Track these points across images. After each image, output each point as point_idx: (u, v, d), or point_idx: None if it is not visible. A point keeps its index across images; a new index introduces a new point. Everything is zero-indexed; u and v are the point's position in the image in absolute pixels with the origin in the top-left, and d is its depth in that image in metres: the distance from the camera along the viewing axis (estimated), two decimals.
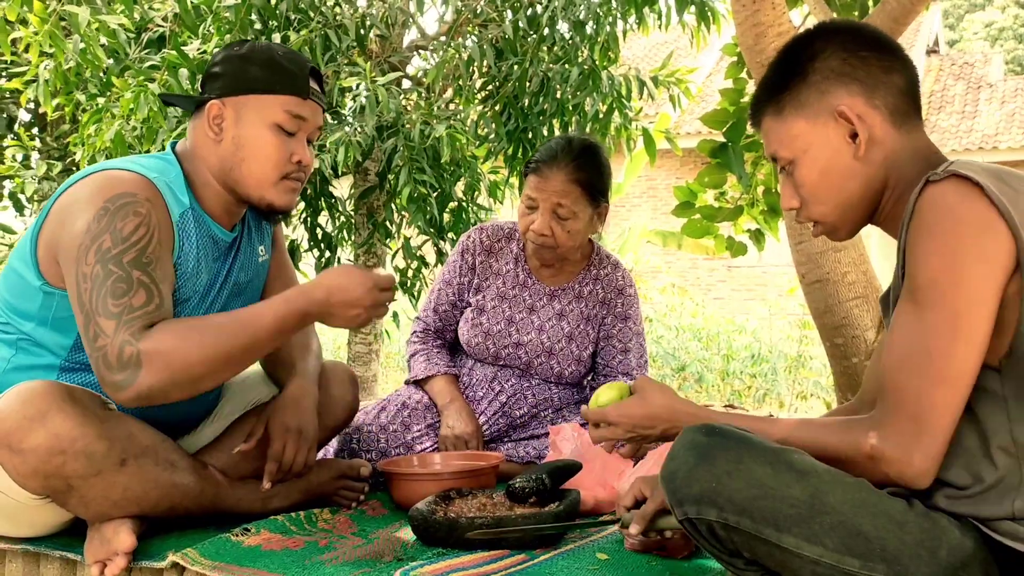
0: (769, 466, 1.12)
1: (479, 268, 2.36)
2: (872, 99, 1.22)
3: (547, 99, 4.16)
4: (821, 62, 1.24)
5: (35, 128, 6.50)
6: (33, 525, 1.64)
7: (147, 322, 1.50)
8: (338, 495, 1.90)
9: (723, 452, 1.13)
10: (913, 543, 1.09)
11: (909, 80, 1.25)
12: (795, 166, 1.28)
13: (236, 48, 1.75)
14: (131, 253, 1.53)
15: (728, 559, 1.17)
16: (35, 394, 1.49)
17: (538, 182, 2.18)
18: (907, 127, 1.24)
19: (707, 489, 1.11)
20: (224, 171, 1.72)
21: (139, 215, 1.56)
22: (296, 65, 1.73)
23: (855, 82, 1.23)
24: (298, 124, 1.72)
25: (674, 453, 1.17)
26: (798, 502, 1.10)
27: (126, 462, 1.54)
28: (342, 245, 4.66)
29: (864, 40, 1.25)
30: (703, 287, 13.73)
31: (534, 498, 1.71)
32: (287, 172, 1.73)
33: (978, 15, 29.36)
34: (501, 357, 2.32)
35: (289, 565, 1.50)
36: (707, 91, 12.06)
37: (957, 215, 1.08)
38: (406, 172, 3.74)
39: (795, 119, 1.26)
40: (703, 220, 4.11)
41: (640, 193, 14.19)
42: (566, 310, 2.34)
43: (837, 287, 2.93)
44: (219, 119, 1.71)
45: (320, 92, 1.78)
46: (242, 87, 1.70)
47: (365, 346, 4.93)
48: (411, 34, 4.86)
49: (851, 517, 1.09)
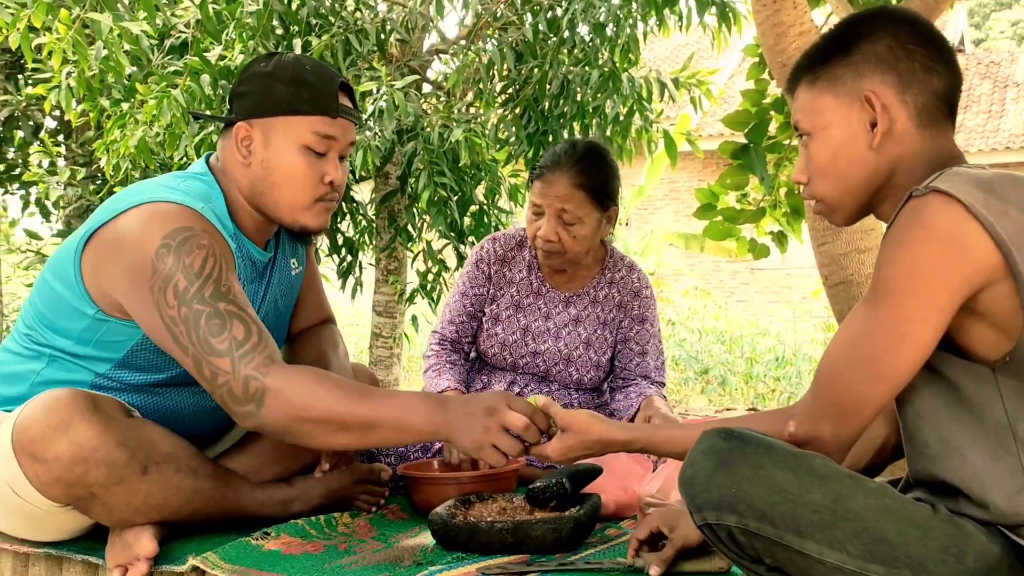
0: (790, 471, 1.10)
1: (494, 278, 2.35)
2: (904, 93, 1.22)
3: (567, 102, 4.15)
4: (868, 43, 1.23)
5: (60, 135, 6.58)
6: (55, 530, 1.65)
7: (265, 355, 1.49)
8: (358, 499, 1.89)
9: (743, 457, 1.12)
10: (938, 549, 1.07)
11: (949, 85, 1.23)
12: (811, 139, 1.28)
13: (263, 64, 1.70)
14: (209, 287, 1.51)
15: (749, 565, 1.16)
16: (59, 403, 1.49)
17: (542, 188, 2.16)
18: (932, 131, 1.23)
19: (727, 494, 1.10)
20: (255, 194, 1.69)
21: (203, 247, 1.54)
22: (324, 81, 1.68)
23: (892, 72, 1.22)
24: (328, 144, 1.68)
25: (692, 459, 1.16)
26: (820, 507, 1.08)
27: (148, 469, 1.55)
28: (363, 250, 4.67)
29: (917, 34, 1.24)
30: (726, 289, 13.65)
31: (554, 502, 1.70)
32: (320, 194, 1.69)
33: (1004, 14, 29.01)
34: (519, 366, 2.31)
35: (309, 569, 1.50)
36: (729, 93, 12.00)
37: (928, 227, 1.10)
38: (426, 176, 3.75)
39: (825, 93, 1.26)
40: (725, 222, 4.07)
41: (662, 196, 14.15)
42: (582, 316, 2.32)
43: (861, 289, 2.90)
44: (247, 141, 1.68)
45: (352, 108, 1.73)
46: (269, 109, 1.66)
47: (387, 350, 4.94)
48: (431, 38, 4.87)
49: (874, 523, 1.07)
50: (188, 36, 4.01)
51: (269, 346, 1.52)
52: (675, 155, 4.35)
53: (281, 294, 1.85)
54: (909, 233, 1.12)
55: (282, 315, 1.87)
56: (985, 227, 1.07)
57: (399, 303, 4.83)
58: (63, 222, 6.41)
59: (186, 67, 3.65)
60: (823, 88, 1.26)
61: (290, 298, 1.89)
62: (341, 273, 4.59)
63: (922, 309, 1.11)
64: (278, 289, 1.83)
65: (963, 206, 1.08)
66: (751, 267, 13.80)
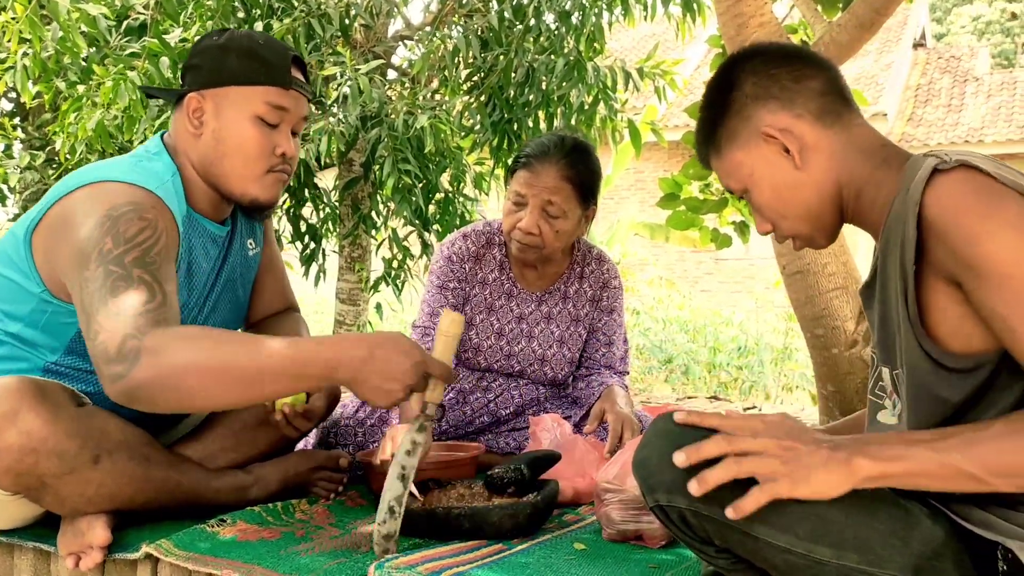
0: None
1: (467, 276, 2.29)
2: (792, 109, 1.24)
3: (532, 90, 4.15)
4: (738, 91, 1.28)
5: (16, 118, 6.44)
6: (6, 519, 1.62)
7: (153, 319, 1.40)
8: (316, 486, 1.89)
9: (695, 441, 1.12)
10: (885, 531, 1.08)
11: (827, 80, 1.26)
12: (750, 194, 1.30)
13: (215, 38, 1.70)
14: (134, 253, 1.47)
15: (699, 546, 1.17)
16: (5, 392, 1.47)
17: (528, 178, 2.10)
18: (840, 124, 1.25)
19: (678, 477, 1.10)
20: (206, 166, 1.68)
21: (144, 220, 1.52)
22: (276, 54, 1.69)
23: (772, 99, 1.25)
24: (280, 115, 1.68)
25: (646, 440, 1.17)
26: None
27: (99, 459, 1.53)
28: (327, 237, 4.64)
29: (771, 58, 1.28)
30: (690, 279, 13.76)
31: (513, 488, 1.70)
32: (271, 165, 1.69)
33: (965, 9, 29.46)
34: (493, 368, 2.30)
35: (264, 556, 1.49)
36: (694, 83, 12.06)
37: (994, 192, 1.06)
38: (390, 163, 3.72)
39: (732, 151, 1.29)
40: (688, 212, 4.10)
41: (628, 186, 14.20)
42: (553, 313, 2.31)
43: (817, 278, 2.94)
44: (199, 112, 1.67)
45: (304, 81, 1.73)
46: (221, 79, 1.66)
47: None
48: (396, 24, 4.83)
49: (822, 506, 1.08)
50: (147, 17, 3.94)
51: (166, 314, 1.43)
52: (639, 145, 4.37)
53: (239, 274, 1.83)
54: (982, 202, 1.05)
55: (238, 295, 1.85)
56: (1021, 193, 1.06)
57: (364, 291, 4.81)
58: (20, 207, 6.28)
59: (144, 49, 3.59)
60: (728, 148, 1.30)
61: (247, 278, 1.88)
62: (304, 260, 4.55)
63: None
64: (235, 267, 1.81)
65: (993, 178, 1.07)
66: (715, 257, 13.92)
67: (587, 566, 1.45)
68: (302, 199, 4.44)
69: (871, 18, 2.72)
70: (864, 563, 1.08)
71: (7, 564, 1.67)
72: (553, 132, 2.32)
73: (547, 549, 1.54)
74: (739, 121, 1.27)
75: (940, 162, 1.10)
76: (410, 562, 1.43)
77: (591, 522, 1.74)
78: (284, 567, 1.44)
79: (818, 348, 3.00)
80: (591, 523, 1.73)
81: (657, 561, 1.49)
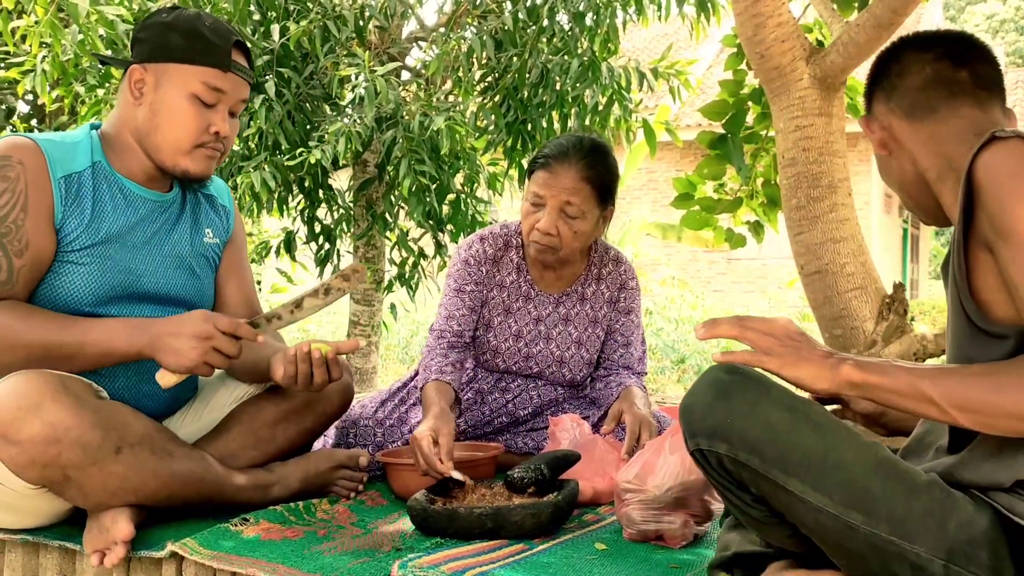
0: (787, 411, 1.14)
1: (485, 279, 2.28)
2: (888, 103, 1.32)
3: (547, 91, 4.15)
4: (916, 75, 1.32)
5: (33, 119, 6.49)
6: (32, 515, 1.64)
7: None
8: (336, 485, 1.90)
9: (742, 392, 1.15)
10: (921, 511, 1.10)
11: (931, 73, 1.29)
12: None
13: (164, 15, 1.77)
14: None
15: (736, 491, 1.20)
16: (29, 385, 1.49)
17: (547, 178, 2.09)
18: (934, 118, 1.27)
19: (721, 424, 1.14)
20: (141, 135, 1.75)
21: (7, 180, 1.62)
22: (219, 37, 1.74)
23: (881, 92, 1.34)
24: (217, 96, 1.74)
25: (694, 388, 1.20)
26: (810, 452, 1.12)
27: (121, 451, 1.55)
28: (341, 237, 4.65)
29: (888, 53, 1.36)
30: (703, 280, 13.73)
31: (533, 488, 1.71)
32: (202, 141, 1.75)
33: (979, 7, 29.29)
34: (511, 370, 2.31)
35: (288, 555, 1.50)
36: (707, 83, 12.04)
37: None
38: (406, 164, 3.73)
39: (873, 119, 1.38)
40: (702, 212, 4.10)
41: (640, 186, 14.18)
42: (571, 315, 2.30)
43: (836, 278, 2.93)
44: (140, 84, 1.74)
45: (246, 66, 1.79)
46: (163, 55, 1.73)
47: (364, 338, 4.93)
48: (410, 25, 4.85)
49: (861, 476, 1.10)
50: None
51: (6, 292, 1.60)
52: (654, 144, 4.36)
53: (189, 252, 1.85)
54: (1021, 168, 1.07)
55: (197, 276, 1.87)
56: None
57: (377, 291, 4.82)
58: None
59: None
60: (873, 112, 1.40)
61: (202, 263, 1.89)
62: (319, 261, 4.57)
63: None
64: (182, 243, 1.84)
65: None
66: (728, 257, 13.88)
67: (609, 566, 1.46)
68: (317, 200, 4.46)
69: (889, 17, 2.71)
70: (895, 535, 1.09)
71: (32, 563, 1.69)
72: (571, 133, 2.31)
73: (569, 549, 1.55)
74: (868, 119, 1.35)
75: (1000, 130, 1.12)
76: (433, 561, 1.43)
77: (611, 522, 1.74)
78: (308, 566, 1.45)
79: (836, 348, 2.99)
80: (611, 523, 1.74)
81: (678, 561, 1.49)
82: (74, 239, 1.68)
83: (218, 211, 1.95)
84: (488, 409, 2.27)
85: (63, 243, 1.67)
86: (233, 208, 2.00)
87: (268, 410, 1.85)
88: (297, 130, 3.95)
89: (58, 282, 1.68)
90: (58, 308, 1.67)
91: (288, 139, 3.87)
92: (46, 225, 1.65)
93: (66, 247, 1.67)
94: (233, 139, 1.81)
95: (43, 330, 1.59)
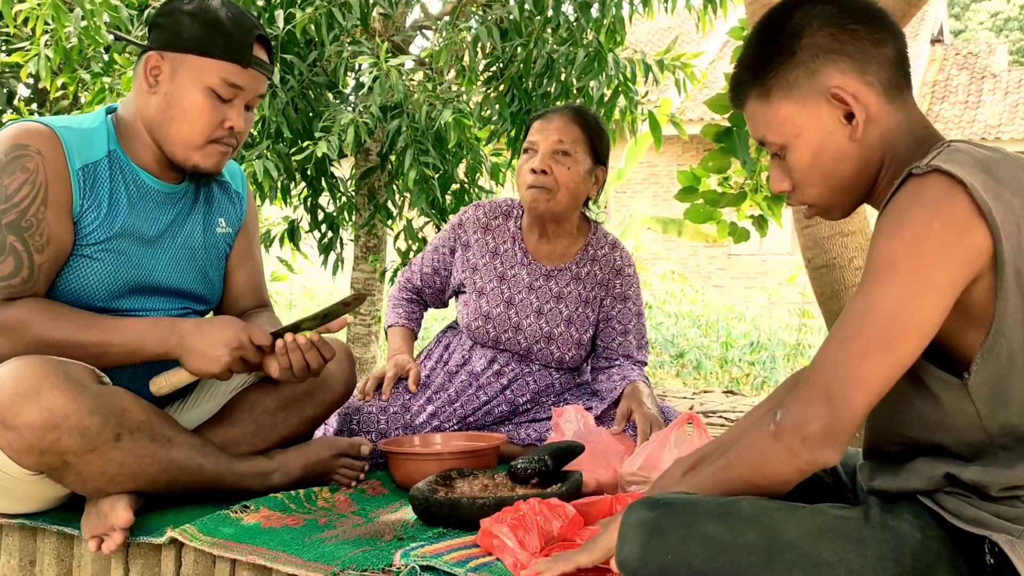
0: (720, 520, 1.09)
1: (475, 246, 2.33)
2: (865, 75, 1.16)
3: (552, 81, 4.12)
4: (808, 38, 1.16)
5: (34, 103, 6.46)
6: (30, 500, 1.63)
7: (9, 295, 1.56)
8: (337, 473, 1.88)
9: (670, 521, 1.10)
10: (876, 557, 1.07)
11: (899, 50, 1.18)
12: (786, 150, 1.21)
13: (185, 2, 1.71)
14: (11, 215, 1.57)
15: None
16: (27, 370, 1.48)
17: (540, 125, 2.24)
18: (900, 101, 1.18)
19: (664, 562, 1.08)
20: (154, 126, 1.72)
21: (26, 171, 1.58)
22: (241, 30, 1.69)
23: (845, 58, 1.15)
24: (234, 92, 1.70)
25: (623, 535, 1.13)
26: (756, 547, 1.07)
27: (121, 437, 1.53)
28: (343, 226, 4.64)
29: (851, 11, 1.17)
30: (703, 274, 13.72)
31: (536, 479, 1.70)
32: (216, 137, 1.72)
33: (984, 5, 29.24)
34: (501, 342, 2.30)
35: (289, 543, 1.49)
36: (710, 77, 12.01)
37: (930, 205, 1.05)
38: (411, 155, 3.71)
39: (783, 102, 1.19)
40: (706, 205, 4.08)
41: (641, 179, 14.16)
42: (564, 292, 2.31)
43: (843, 272, 2.91)
44: (156, 71, 1.70)
45: (266, 61, 1.75)
46: (181, 44, 1.68)
47: (364, 328, 4.92)
48: (414, 13, 4.82)
49: (810, 548, 1.07)
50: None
51: (25, 287, 1.58)
52: (660, 137, 4.34)
53: (201, 244, 1.84)
54: (909, 211, 1.06)
55: (205, 269, 1.86)
56: (983, 211, 1.03)
57: (379, 281, 4.80)
58: None
59: None
60: (779, 97, 1.19)
61: (213, 254, 1.88)
62: (322, 249, 4.55)
63: (921, 288, 1.04)
64: (194, 235, 1.83)
65: (965, 188, 1.04)
66: (728, 252, 13.87)
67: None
68: (319, 188, 4.43)
69: (902, 9, 2.68)
70: None
71: (30, 548, 1.67)
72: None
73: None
74: (802, 72, 1.17)
75: (916, 166, 1.08)
76: (435, 551, 1.42)
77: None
78: (309, 555, 1.43)
79: None
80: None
81: None
82: (90, 232, 1.66)
83: (231, 198, 1.93)
84: (484, 395, 2.25)
85: (79, 236, 1.65)
86: (246, 193, 1.98)
87: (269, 397, 1.83)
88: (300, 118, 3.92)
89: (71, 276, 1.66)
90: (71, 303, 1.65)
91: (291, 127, 3.85)
92: (65, 218, 1.63)
93: (81, 240, 1.66)
94: (247, 133, 1.78)
95: (70, 329, 1.57)
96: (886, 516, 1.10)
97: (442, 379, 2.28)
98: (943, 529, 1.11)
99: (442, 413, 2.21)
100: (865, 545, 1.07)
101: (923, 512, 1.12)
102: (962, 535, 1.10)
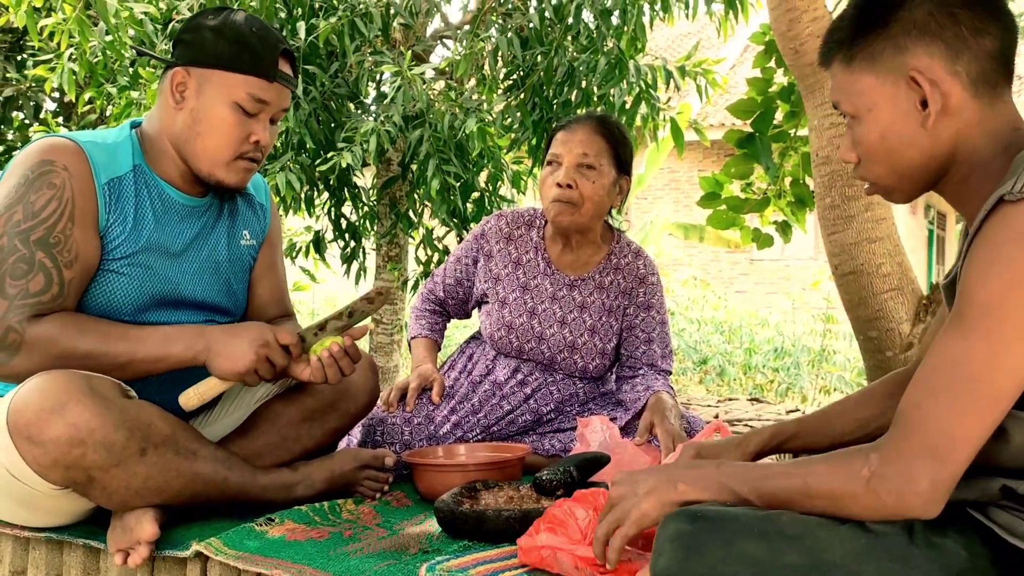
0: (761, 539, 1.06)
1: (497, 256, 2.32)
2: (954, 64, 1.09)
3: (573, 89, 4.11)
4: (906, 12, 1.11)
5: (60, 117, 6.53)
6: (56, 514, 1.63)
7: (39, 311, 1.56)
8: (361, 485, 1.87)
9: (711, 537, 1.06)
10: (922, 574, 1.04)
11: (1004, 44, 1.11)
12: (857, 122, 1.17)
13: (210, 17, 1.72)
14: (39, 231, 1.57)
15: None
16: (53, 385, 1.48)
17: (564, 136, 2.22)
18: (990, 97, 1.11)
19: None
20: (180, 141, 1.72)
21: (53, 187, 1.59)
22: (265, 45, 1.70)
23: (938, 42, 1.09)
24: (260, 107, 1.71)
25: (659, 548, 1.09)
26: (797, 568, 1.04)
27: (146, 451, 1.53)
28: (366, 235, 4.65)
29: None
30: (725, 280, 13.64)
31: (562, 490, 1.68)
32: (242, 152, 1.72)
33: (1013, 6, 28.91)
34: (524, 351, 2.29)
35: (314, 556, 1.48)
36: (731, 82, 11.96)
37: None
38: (433, 164, 3.71)
39: (864, 73, 1.14)
40: (729, 211, 4.06)
41: (662, 185, 14.12)
42: (587, 302, 2.30)
43: (872, 279, 2.87)
44: (182, 87, 1.71)
45: (290, 75, 1.75)
46: (207, 60, 1.69)
47: (387, 336, 4.92)
48: (435, 23, 4.83)
49: (854, 569, 1.03)
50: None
51: (55, 303, 1.57)
52: (682, 143, 4.32)
53: (226, 257, 1.84)
54: (1004, 246, 1.00)
55: (229, 281, 1.86)
56: None
57: (401, 290, 4.81)
58: None
59: None
60: (861, 67, 1.15)
61: (237, 267, 1.88)
62: (345, 258, 4.57)
63: (1019, 334, 0.99)
64: (218, 248, 1.83)
65: None
66: (750, 258, 13.79)
67: None
68: (341, 198, 4.45)
69: None
70: None
71: (57, 561, 1.68)
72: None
73: None
74: (889, 47, 1.12)
75: (1010, 193, 1.01)
76: (461, 565, 1.41)
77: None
78: (335, 568, 1.43)
79: (871, 351, 2.94)
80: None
81: None
82: (116, 247, 1.67)
83: (255, 210, 1.93)
84: (508, 404, 2.24)
85: (105, 251, 1.66)
86: (270, 205, 1.98)
87: (293, 409, 1.83)
88: (322, 129, 3.94)
89: (98, 291, 1.66)
90: (98, 316, 1.65)
91: (314, 139, 3.86)
92: (92, 233, 1.64)
93: (108, 255, 1.66)
94: (271, 146, 1.78)
95: (97, 339, 1.58)
96: (931, 534, 1.07)
97: (466, 389, 2.27)
98: (988, 547, 1.07)
99: (466, 423, 2.20)
100: (911, 565, 1.04)
101: (967, 528, 1.09)
102: (1009, 553, 1.07)
